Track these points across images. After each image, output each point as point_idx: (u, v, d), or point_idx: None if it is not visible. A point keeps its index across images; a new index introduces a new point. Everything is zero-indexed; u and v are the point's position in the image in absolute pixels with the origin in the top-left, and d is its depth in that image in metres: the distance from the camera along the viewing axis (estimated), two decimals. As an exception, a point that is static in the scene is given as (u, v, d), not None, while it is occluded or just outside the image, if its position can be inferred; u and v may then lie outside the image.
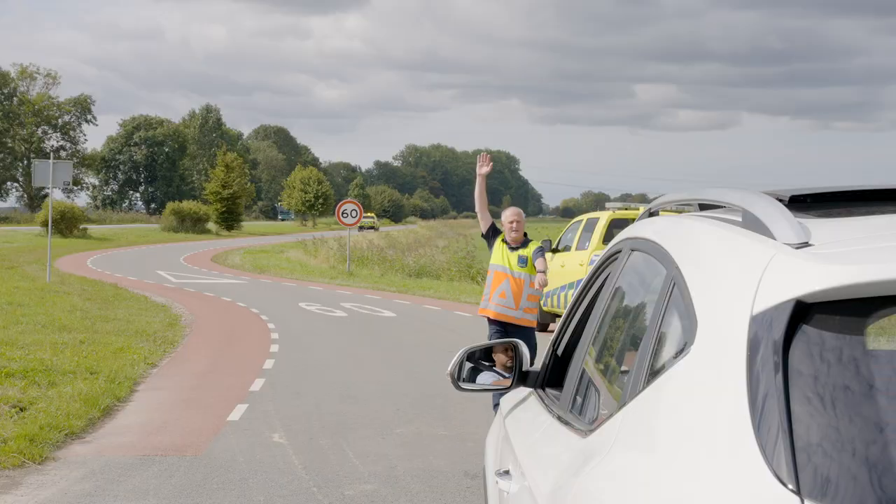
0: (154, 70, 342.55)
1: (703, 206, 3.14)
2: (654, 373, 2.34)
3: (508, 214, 10.43)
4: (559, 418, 3.20)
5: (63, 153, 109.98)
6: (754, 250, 2.12)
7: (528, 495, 2.96)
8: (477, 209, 10.56)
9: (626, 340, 2.92)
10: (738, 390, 1.87)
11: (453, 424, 10.46)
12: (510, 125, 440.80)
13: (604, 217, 19.56)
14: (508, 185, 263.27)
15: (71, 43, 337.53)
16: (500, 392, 9.06)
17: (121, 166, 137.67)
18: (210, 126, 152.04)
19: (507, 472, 3.52)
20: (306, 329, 19.64)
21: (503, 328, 10.24)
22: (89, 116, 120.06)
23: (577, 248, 19.71)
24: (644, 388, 2.33)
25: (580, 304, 3.86)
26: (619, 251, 3.34)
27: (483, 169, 10.37)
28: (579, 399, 3.20)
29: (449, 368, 3.94)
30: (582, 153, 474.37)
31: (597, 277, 3.66)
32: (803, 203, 2.51)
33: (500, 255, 10.30)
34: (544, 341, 6.55)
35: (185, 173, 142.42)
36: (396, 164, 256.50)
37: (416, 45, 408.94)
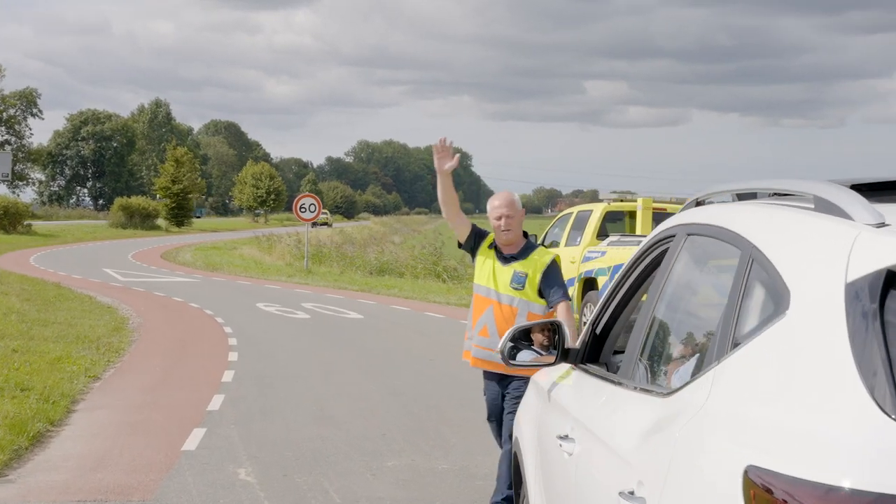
0: (101, 65, 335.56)
1: (741, 196, 3.44)
2: (741, 336, 2.64)
3: (496, 204, 6.68)
4: (622, 385, 3.49)
5: (8, 147, 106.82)
6: (837, 230, 2.51)
7: (603, 449, 3.24)
8: (445, 214, 6.85)
9: (698, 313, 3.32)
10: (841, 344, 2.23)
11: (455, 455, 8.77)
12: (461, 121, 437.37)
13: (598, 210, 18.05)
14: (461, 181, 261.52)
15: (14, 37, 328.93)
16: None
17: (68, 161, 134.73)
18: (160, 121, 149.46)
19: (566, 437, 3.77)
20: (267, 333, 17.80)
21: (494, 380, 6.73)
22: (35, 110, 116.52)
23: (566, 244, 18.16)
24: (732, 350, 2.64)
25: (622, 286, 4.09)
26: (673, 236, 3.54)
27: (446, 164, 6.67)
28: (645, 368, 3.50)
29: (499, 346, 4.35)
30: (533, 149, 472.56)
31: (641, 261, 3.91)
32: (861, 191, 2.74)
33: (485, 271, 6.73)
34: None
35: (133, 169, 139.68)
36: (348, 160, 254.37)
37: (366, 40, 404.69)
